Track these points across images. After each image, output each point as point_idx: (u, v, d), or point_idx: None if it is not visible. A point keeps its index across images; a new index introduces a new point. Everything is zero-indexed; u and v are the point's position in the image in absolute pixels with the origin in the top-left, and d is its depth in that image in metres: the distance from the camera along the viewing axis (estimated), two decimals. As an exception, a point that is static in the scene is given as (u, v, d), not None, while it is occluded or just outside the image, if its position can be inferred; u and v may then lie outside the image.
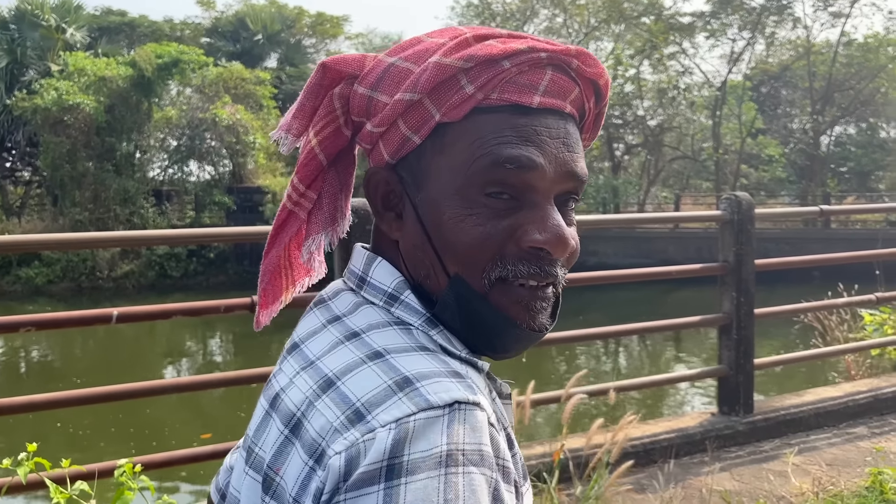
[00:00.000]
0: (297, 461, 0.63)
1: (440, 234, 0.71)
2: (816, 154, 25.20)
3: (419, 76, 0.71)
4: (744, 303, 4.02)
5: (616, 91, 25.09)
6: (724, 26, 24.46)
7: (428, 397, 0.61)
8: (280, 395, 0.70)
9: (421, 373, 0.63)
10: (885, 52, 23.88)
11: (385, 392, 0.62)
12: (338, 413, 0.62)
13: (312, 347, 0.72)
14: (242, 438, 0.87)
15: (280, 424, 0.67)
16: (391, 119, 0.72)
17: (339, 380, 0.65)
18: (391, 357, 0.66)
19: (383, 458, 0.58)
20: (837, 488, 3.33)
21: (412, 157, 0.74)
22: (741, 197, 4.05)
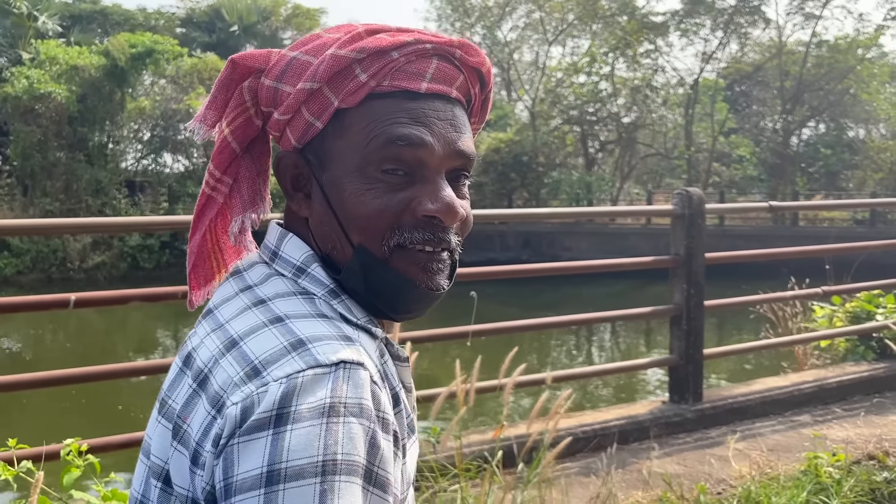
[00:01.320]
0: (202, 411, 0.71)
1: (344, 208, 0.79)
2: (786, 153, 25.64)
3: (318, 67, 0.78)
4: (694, 294, 4.15)
5: (590, 88, 25.31)
6: (696, 26, 24.77)
7: (317, 356, 0.69)
8: (192, 354, 0.78)
9: (314, 335, 0.71)
10: (855, 54, 24.32)
11: (280, 351, 0.70)
12: (238, 369, 0.70)
13: (224, 312, 0.79)
14: None
15: (190, 380, 0.75)
16: (295, 107, 0.80)
17: (242, 340, 0.73)
18: (290, 322, 0.73)
19: (273, 408, 0.65)
20: (775, 472, 3.48)
21: (316, 141, 0.81)
22: (692, 192, 4.18)
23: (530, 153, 24.38)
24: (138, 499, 0.79)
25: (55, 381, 2.86)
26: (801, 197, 23.22)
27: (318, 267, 0.81)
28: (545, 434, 2.68)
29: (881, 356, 5.15)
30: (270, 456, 0.64)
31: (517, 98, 30.46)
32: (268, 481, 0.63)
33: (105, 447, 2.77)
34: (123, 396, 9.52)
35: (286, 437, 0.64)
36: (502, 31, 30.49)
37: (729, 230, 20.25)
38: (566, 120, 25.91)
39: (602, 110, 26.04)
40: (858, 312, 5.31)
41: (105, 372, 2.95)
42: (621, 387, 8.59)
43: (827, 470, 3.35)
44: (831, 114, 24.97)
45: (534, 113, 26.50)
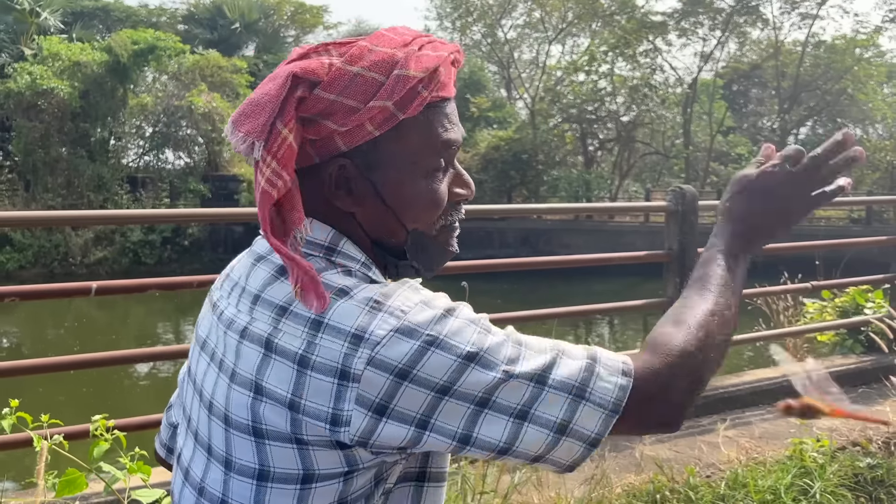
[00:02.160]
0: (320, 385, 0.79)
1: (402, 201, 0.90)
2: (783, 152, 25.76)
3: (391, 88, 0.86)
4: (686, 288, 4.30)
5: (590, 87, 25.45)
6: (695, 25, 24.92)
7: (402, 306, 0.81)
8: (271, 339, 0.83)
9: (384, 293, 0.82)
10: (852, 55, 24.47)
11: (367, 316, 0.80)
12: (341, 342, 0.79)
13: (275, 294, 0.86)
14: (178, 391, 1.09)
15: (289, 363, 0.81)
16: (360, 121, 0.86)
17: (325, 318, 0.81)
18: (353, 292, 0.83)
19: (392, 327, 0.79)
20: (763, 457, 3.63)
21: (366, 146, 0.88)
22: (685, 189, 4.33)
23: (530, 151, 24.51)
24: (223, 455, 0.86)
25: (57, 366, 3.01)
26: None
27: (347, 244, 0.90)
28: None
29: (869, 349, 5.30)
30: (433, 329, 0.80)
31: (517, 96, 30.59)
32: (426, 342, 0.79)
33: (125, 427, 2.92)
34: (121, 388, 9.68)
35: (411, 319, 0.81)
36: (502, 30, 30.64)
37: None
38: (565, 118, 26.05)
39: (601, 109, 26.19)
40: (848, 307, 5.46)
41: (109, 358, 3.09)
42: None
43: (812, 455, 3.50)
44: (829, 114, 25.14)
45: (533, 111, 26.64)
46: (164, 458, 1.16)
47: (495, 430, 0.80)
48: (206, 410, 0.90)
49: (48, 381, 8.94)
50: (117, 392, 9.42)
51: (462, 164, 0.96)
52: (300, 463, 0.83)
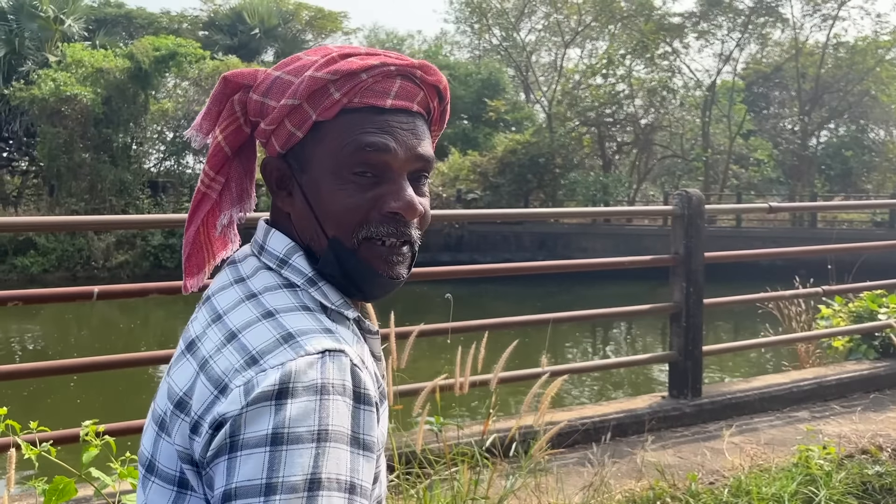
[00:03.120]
0: (204, 390, 0.83)
1: (320, 205, 0.92)
2: (805, 155, 25.49)
3: (298, 86, 0.91)
4: (693, 292, 4.27)
5: (607, 90, 25.33)
6: (713, 27, 24.72)
7: (305, 347, 0.81)
8: (195, 342, 0.90)
9: (301, 329, 0.84)
10: (874, 55, 24.12)
11: (274, 343, 0.82)
12: (238, 358, 0.82)
13: (220, 302, 0.92)
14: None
15: (194, 364, 0.87)
16: (279, 119, 0.92)
17: (240, 333, 0.85)
18: (279, 316, 0.86)
19: (274, 385, 0.78)
20: (768, 464, 3.58)
21: (297, 148, 0.94)
22: (691, 193, 4.29)
23: (547, 155, 24.42)
24: (147, 457, 0.92)
25: (80, 367, 3.05)
26: (820, 198, 23.08)
27: (298, 258, 0.93)
28: (552, 424, 2.82)
29: (883, 355, 5.22)
30: (275, 421, 0.76)
31: (535, 100, 30.52)
32: (272, 441, 0.76)
33: (125, 431, 2.95)
34: (142, 389, 9.78)
35: (287, 408, 0.77)
36: (520, 34, 30.59)
37: (745, 231, 20.20)
38: (583, 121, 25.92)
39: (619, 112, 26.03)
40: (861, 312, 5.38)
41: (126, 360, 3.13)
42: (641, 382, 8.70)
43: (818, 462, 3.45)
44: (851, 115, 24.79)
45: (551, 115, 26.54)
46: None
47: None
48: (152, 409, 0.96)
49: (71, 382, 9.06)
50: (137, 392, 9.52)
51: (479, 167, 0.95)
52: (176, 465, 0.87)
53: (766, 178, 26.51)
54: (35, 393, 8.69)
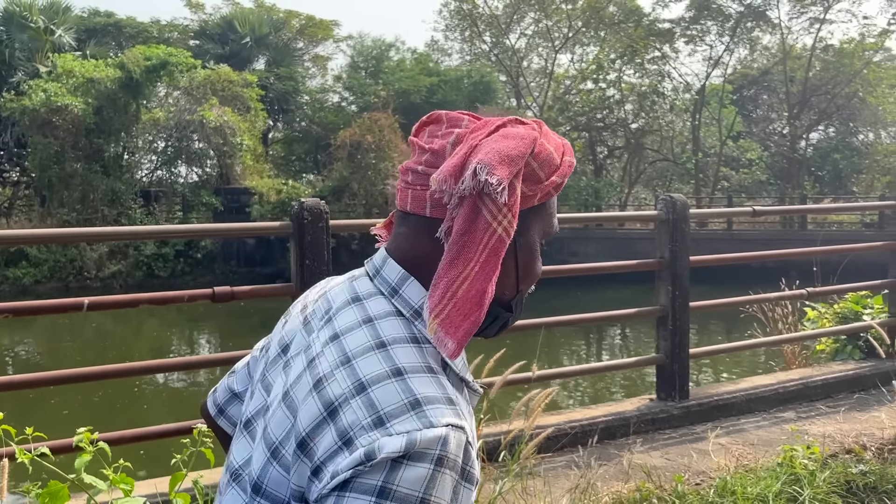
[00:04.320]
0: (329, 439, 0.86)
1: (525, 265, 1.01)
2: (794, 157, 25.68)
3: (565, 169, 1.01)
4: (678, 296, 4.32)
5: (598, 95, 25.47)
6: (702, 32, 24.91)
7: (431, 419, 0.85)
8: (322, 381, 0.91)
9: (427, 397, 0.87)
10: (861, 57, 24.33)
11: (402, 408, 0.85)
12: (366, 415, 0.85)
13: (349, 341, 0.93)
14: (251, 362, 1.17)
15: (321, 407, 0.89)
16: (546, 189, 0.99)
17: (370, 388, 0.87)
18: (408, 378, 0.88)
19: (398, 451, 0.82)
20: (754, 464, 3.63)
21: (524, 212, 0.98)
22: (676, 198, 4.35)
23: (539, 160, 24.47)
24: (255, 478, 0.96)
25: (74, 378, 3.09)
26: (810, 200, 23.23)
27: (410, 286, 0.98)
28: (541, 428, 2.86)
29: (868, 356, 5.29)
30: (388, 477, 0.82)
31: (526, 105, 30.65)
32: (380, 493, 0.81)
33: (119, 440, 2.99)
34: (134, 399, 9.78)
35: (402, 469, 0.82)
36: (510, 40, 30.73)
37: (736, 234, 20.33)
38: (574, 126, 26.05)
39: (610, 116, 26.17)
40: (846, 313, 5.45)
41: (118, 370, 3.16)
42: (636, 384, 8.76)
43: (802, 462, 3.50)
44: (839, 117, 25.00)
45: (542, 120, 26.57)
46: (212, 416, 1.21)
47: None
48: (261, 426, 0.99)
49: (64, 392, 9.06)
50: (129, 403, 9.53)
51: None
52: (287, 495, 0.92)
53: (757, 180, 26.68)
54: (26, 403, 8.68)
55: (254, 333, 14.93)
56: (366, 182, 22.92)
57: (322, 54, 36.21)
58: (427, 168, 0.98)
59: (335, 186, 23.48)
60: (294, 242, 3.32)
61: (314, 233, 3.31)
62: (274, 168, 28.83)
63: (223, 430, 1.20)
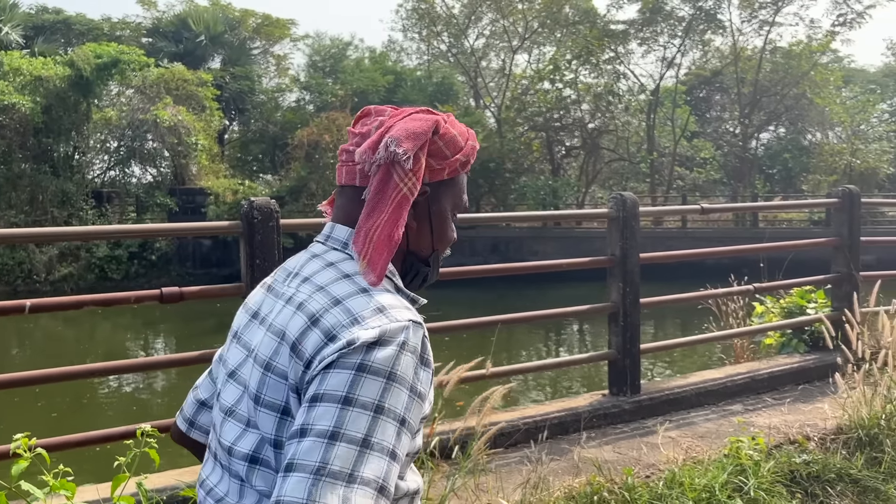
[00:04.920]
0: (315, 339, 1.08)
1: (439, 229, 1.27)
2: (746, 156, 26.27)
3: (469, 150, 1.28)
4: (629, 292, 4.39)
5: (555, 95, 25.71)
6: (655, 34, 25.32)
7: (396, 316, 1.09)
8: (304, 304, 1.14)
9: (390, 304, 1.12)
10: (808, 59, 25.00)
11: (372, 311, 1.09)
12: (345, 318, 1.09)
13: (320, 278, 1.17)
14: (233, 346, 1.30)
15: (304, 318, 1.11)
16: (452, 164, 1.25)
17: (343, 300, 1.12)
18: (373, 293, 1.13)
19: (373, 338, 1.05)
20: (702, 456, 3.71)
21: (437, 184, 1.25)
22: (626, 196, 4.42)
23: (497, 160, 24.66)
24: (254, 392, 1.15)
25: (20, 382, 3.01)
26: (761, 199, 23.78)
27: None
28: (493, 424, 2.88)
29: (813, 348, 5.44)
30: (364, 357, 1.04)
31: (485, 105, 30.79)
32: (358, 368, 1.03)
33: (63, 446, 2.92)
34: (84, 406, 9.57)
35: (375, 351, 1.05)
36: (468, 40, 30.83)
37: (690, 232, 20.72)
38: (532, 126, 26.25)
39: (567, 117, 26.44)
40: (792, 308, 5.60)
41: (70, 373, 3.10)
42: (595, 380, 8.86)
43: (748, 453, 3.59)
44: (788, 117, 25.66)
45: (500, 120, 26.81)
46: (184, 432, 1.38)
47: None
48: (251, 360, 1.18)
49: (14, 397, 8.81)
50: (81, 407, 9.31)
51: None
52: (284, 396, 1.12)
53: (710, 179, 27.21)
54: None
55: (209, 335, 14.79)
56: (324, 182, 22.78)
57: (279, 53, 35.86)
58: (356, 148, 1.22)
59: (293, 186, 23.28)
60: (244, 242, 3.29)
61: (264, 232, 3.28)
62: (230, 168, 28.45)
63: (195, 441, 1.37)
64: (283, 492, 0.98)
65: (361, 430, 1.00)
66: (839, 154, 24.84)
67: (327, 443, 0.99)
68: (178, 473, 3.09)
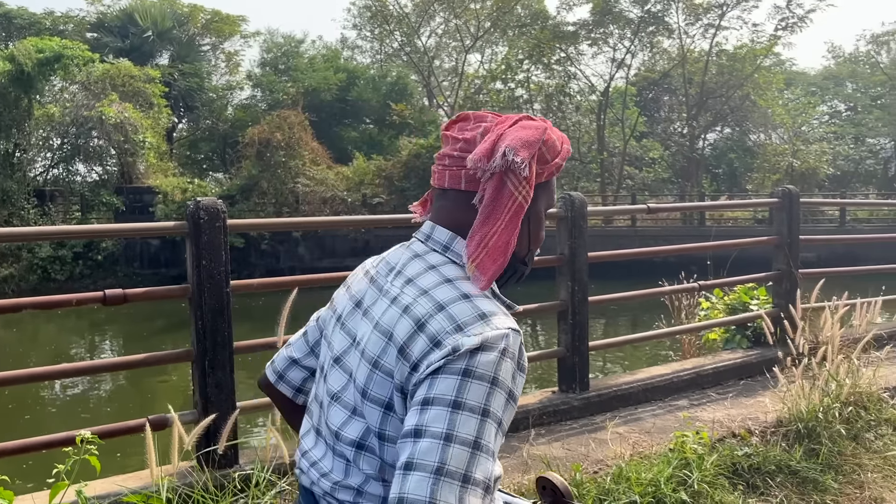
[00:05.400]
0: (422, 344, 1.16)
1: (535, 229, 1.32)
2: (693, 156, 26.87)
3: (565, 154, 1.32)
4: (578, 291, 4.46)
5: (507, 95, 25.90)
6: (605, 35, 25.71)
7: (496, 325, 1.16)
8: (410, 307, 1.21)
9: (490, 311, 1.18)
10: (752, 62, 25.69)
11: (474, 318, 1.16)
12: (448, 325, 1.16)
13: (423, 282, 1.24)
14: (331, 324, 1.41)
15: (411, 322, 1.19)
16: (551, 168, 1.30)
17: (447, 306, 1.18)
18: (473, 299, 1.20)
19: (476, 346, 1.12)
20: (648, 451, 3.79)
21: (536, 187, 1.28)
22: (574, 196, 4.48)
23: (451, 158, 24.67)
24: (362, 386, 1.24)
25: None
26: (707, 198, 24.34)
27: (457, 243, 1.29)
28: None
29: (755, 344, 5.60)
30: (469, 362, 1.12)
31: (438, 105, 30.82)
32: (464, 373, 1.11)
33: (1, 453, 2.83)
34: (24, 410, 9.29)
35: (479, 357, 1.12)
36: (421, 39, 30.81)
37: (640, 231, 21.09)
38: (485, 126, 26.35)
39: (519, 116, 26.62)
40: (735, 304, 5.75)
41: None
42: (551, 378, 8.92)
43: (692, 447, 3.67)
44: (734, 118, 26.33)
45: (453, 119, 26.72)
46: (272, 383, 1.51)
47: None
48: (356, 351, 1.28)
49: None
50: (23, 413, 9.03)
51: (384, 172, 1.17)
52: (389, 393, 1.21)
53: (659, 178, 27.74)
54: None
55: (157, 335, 14.42)
56: (276, 180, 22.50)
57: (229, 50, 35.30)
58: (461, 153, 1.27)
59: (244, 185, 22.94)
60: (190, 243, 3.23)
61: (211, 232, 3.23)
62: (179, 167, 27.90)
63: (282, 393, 1.50)
64: (407, 489, 1.07)
65: (472, 432, 1.10)
66: (781, 154, 25.57)
67: (443, 444, 1.08)
68: (122, 479, 3.03)
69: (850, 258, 15.55)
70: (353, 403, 1.26)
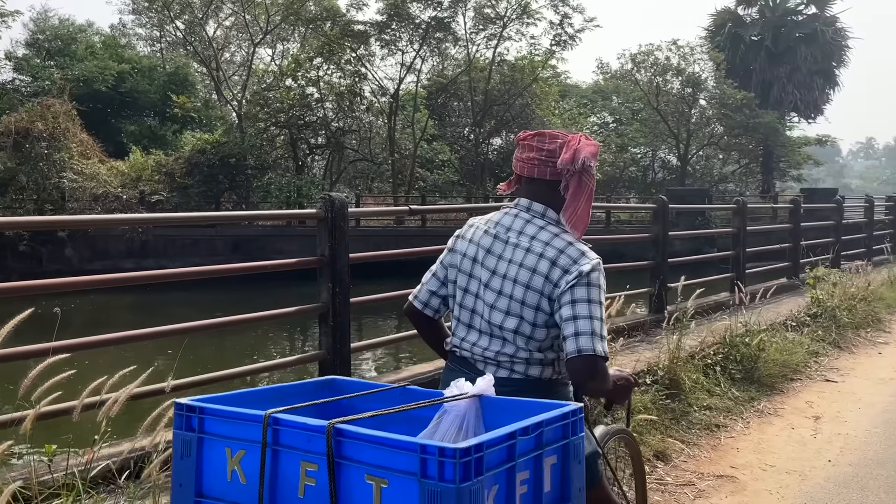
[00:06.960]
0: (559, 272, 2.01)
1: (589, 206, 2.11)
2: (479, 160, 28.18)
3: (596, 159, 2.09)
4: (339, 292, 4.42)
5: (298, 93, 25.50)
6: (395, 38, 26.16)
7: (592, 256, 2.04)
8: (543, 253, 2.02)
9: (588, 249, 2.06)
10: (531, 73, 27.47)
11: (580, 254, 2.03)
12: (572, 258, 2.02)
13: (542, 236, 2.06)
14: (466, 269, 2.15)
15: (548, 260, 2.01)
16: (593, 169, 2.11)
17: (565, 249, 2.03)
18: (576, 244, 2.05)
19: (595, 268, 2.01)
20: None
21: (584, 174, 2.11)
22: (334, 197, 4.43)
23: (238, 155, 23.83)
24: (519, 303, 2.03)
25: None
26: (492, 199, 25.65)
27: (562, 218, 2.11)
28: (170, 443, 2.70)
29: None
30: (592, 277, 1.99)
31: (227, 99, 29.60)
32: (589, 283, 1.98)
33: None
34: None
35: (595, 274, 2.01)
36: (207, 30, 29.42)
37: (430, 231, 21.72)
38: (275, 123, 25.76)
39: (310, 115, 26.31)
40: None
41: None
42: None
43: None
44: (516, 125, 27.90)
45: (241, 115, 25.95)
46: (419, 310, 2.22)
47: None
48: (504, 279, 2.06)
49: None
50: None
51: (165, 168, 0.97)
52: (538, 300, 2.03)
53: (449, 180, 28.74)
54: None
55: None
56: (37, 174, 20.35)
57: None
58: (547, 158, 2.05)
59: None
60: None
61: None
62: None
63: (426, 315, 2.22)
64: (580, 346, 1.92)
65: (599, 314, 1.96)
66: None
67: (592, 319, 1.94)
68: None
69: (616, 255, 17.07)
70: (507, 308, 2.02)
